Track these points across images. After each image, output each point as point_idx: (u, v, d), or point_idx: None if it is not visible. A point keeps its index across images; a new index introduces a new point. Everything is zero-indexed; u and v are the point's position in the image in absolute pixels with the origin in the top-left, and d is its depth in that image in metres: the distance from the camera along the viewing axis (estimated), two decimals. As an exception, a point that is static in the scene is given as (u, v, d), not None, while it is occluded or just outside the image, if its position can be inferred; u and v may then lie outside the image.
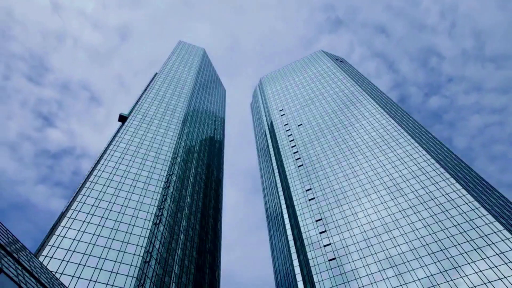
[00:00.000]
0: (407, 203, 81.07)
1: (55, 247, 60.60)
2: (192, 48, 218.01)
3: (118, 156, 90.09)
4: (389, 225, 78.19)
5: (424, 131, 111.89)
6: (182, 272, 77.86)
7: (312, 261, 78.26)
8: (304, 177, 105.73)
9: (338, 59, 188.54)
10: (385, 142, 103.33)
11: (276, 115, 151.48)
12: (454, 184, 79.89)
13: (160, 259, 70.69)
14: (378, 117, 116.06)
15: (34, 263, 34.00)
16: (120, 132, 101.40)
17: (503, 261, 60.77)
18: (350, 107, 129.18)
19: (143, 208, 77.29)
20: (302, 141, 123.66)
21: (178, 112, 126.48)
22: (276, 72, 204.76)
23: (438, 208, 76.18)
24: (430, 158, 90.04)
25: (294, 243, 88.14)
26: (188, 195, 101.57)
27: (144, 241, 69.14)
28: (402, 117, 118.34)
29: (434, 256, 67.28)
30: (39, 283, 29.48)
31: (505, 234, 64.67)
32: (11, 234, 34.19)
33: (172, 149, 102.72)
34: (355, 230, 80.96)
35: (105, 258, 62.45)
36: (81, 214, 69.51)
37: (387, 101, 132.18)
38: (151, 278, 64.73)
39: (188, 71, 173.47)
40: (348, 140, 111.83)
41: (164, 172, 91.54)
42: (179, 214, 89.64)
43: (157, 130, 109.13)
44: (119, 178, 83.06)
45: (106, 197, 76.03)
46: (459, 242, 67.41)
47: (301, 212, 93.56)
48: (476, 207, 72.09)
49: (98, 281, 58.07)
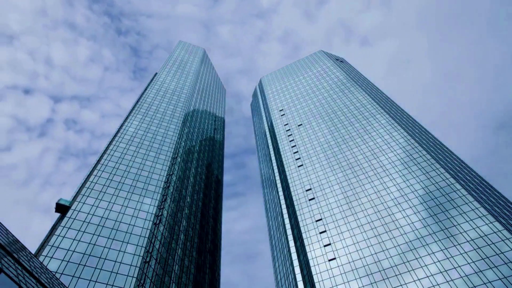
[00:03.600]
0: (407, 204, 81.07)
1: (55, 247, 60.59)
2: (192, 48, 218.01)
3: (118, 156, 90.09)
4: (389, 225, 78.19)
5: (424, 130, 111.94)
6: (182, 272, 77.86)
7: (312, 261, 78.27)
8: (304, 177, 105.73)
9: (338, 59, 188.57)
10: (385, 142, 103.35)
11: (276, 115, 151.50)
12: (454, 184, 79.89)
13: (160, 259, 70.68)
14: (378, 117, 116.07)
15: (34, 263, 34.00)
16: (120, 132, 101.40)
17: (503, 261, 60.78)
18: (350, 107, 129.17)
19: (143, 208, 77.29)
20: (302, 141, 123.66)
21: (178, 112, 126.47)
22: (276, 72, 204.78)
23: (438, 208, 76.17)
24: (430, 159, 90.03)
25: (294, 243, 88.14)
26: (188, 195, 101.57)
27: (144, 241, 69.14)
28: (402, 118, 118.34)
29: (434, 256, 67.28)
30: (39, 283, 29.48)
31: (505, 234, 64.68)
32: (11, 234, 34.19)
33: (172, 149, 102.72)
34: (355, 230, 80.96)
35: (105, 258, 62.45)
36: (81, 214, 69.49)
37: (387, 101, 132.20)
38: (151, 278, 64.74)
39: (188, 71, 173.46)
40: (348, 140, 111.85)
41: (164, 172, 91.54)
42: (179, 214, 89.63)
43: (157, 130, 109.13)
44: (119, 178, 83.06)
45: (106, 197, 76.03)
46: (459, 242, 67.41)
47: (301, 212, 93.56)
48: (476, 207, 72.09)
49: (98, 281, 58.07)
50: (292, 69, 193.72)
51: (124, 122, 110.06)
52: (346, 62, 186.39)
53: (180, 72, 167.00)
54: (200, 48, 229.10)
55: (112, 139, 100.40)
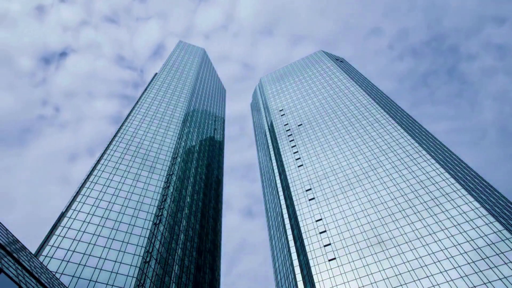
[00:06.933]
0: (407, 203, 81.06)
1: (55, 247, 60.61)
2: (192, 48, 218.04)
3: (118, 156, 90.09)
4: (389, 225, 78.18)
5: (424, 130, 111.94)
6: (182, 272, 77.86)
7: (312, 261, 78.26)
8: (304, 177, 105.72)
9: (338, 59, 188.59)
10: (385, 142, 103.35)
11: (276, 115, 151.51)
12: (454, 184, 79.90)
13: (160, 259, 70.68)
14: (378, 117, 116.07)
15: (34, 263, 33.99)
16: (120, 132, 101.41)
17: (503, 261, 60.79)
18: (350, 107, 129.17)
19: (143, 208, 77.30)
20: (302, 141, 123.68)
21: (178, 112, 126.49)
22: (276, 72, 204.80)
23: (438, 208, 76.18)
24: (430, 159, 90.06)
25: (294, 243, 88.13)
26: (188, 195, 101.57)
27: (144, 241, 69.15)
28: (402, 118, 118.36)
29: (434, 256, 67.28)
30: (39, 283, 29.47)
31: (505, 234, 64.69)
32: (11, 234, 34.19)
33: (172, 149, 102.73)
34: (355, 230, 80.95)
35: (105, 258, 62.46)
36: (81, 214, 69.52)
37: (387, 101, 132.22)
38: (151, 278, 64.74)
39: (188, 71, 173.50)
40: (348, 140, 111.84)
41: (164, 172, 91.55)
42: (179, 214, 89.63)
43: (157, 130, 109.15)
44: (119, 178, 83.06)
45: (106, 197, 76.04)
46: (459, 242, 67.41)
47: (301, 212, 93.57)
48: (476, 207, 72.10)
49: (98, 281, 58.08)
50: (292, 69, 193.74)
51: (124, 122, 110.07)
52: (346, 62, 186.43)
53: (180, 72, 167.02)
54: (200, 48, 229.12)
55: (112, 139, 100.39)
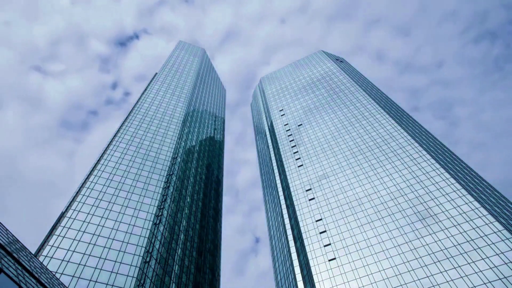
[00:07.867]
0: (406, 203, 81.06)
1: (55, 247, 60.60)
2: (192, 48, 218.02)
3: (118, 156, 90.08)
4: (389, 225, 78.18)
5: (424, 130, 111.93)
6: (182, 272, 77.86)
7: (312, 261, 78.26)
8: (304, 177, 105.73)
9: (338, 59, 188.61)
10: (385, 142, 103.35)
11: (276, 115, 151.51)
12: (454, 184, 79.90)
13: (160, 259, 70.69)
14: (378, 117, 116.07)
15: (34, 263, 33.99)
16: (120, 132, 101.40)
17: (503, 261, 60.79)
18: (350, 107, 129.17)
19: (143, 208, 77.30)
20: (302, 141, 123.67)
21: (178, 112, 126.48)
22: (276, 72, 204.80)
23: (438, 208, 76.18)
24: (430, 158, 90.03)
25: (294, 243, 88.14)
26: (188, 195, 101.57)
27: (144, 241, 69.15)
28: (402, 118, 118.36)
29: (434, 256, 67.28)
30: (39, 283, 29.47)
31: (505, 234, 64.69)
32: (11, 234, 34.19)
33: (172, 149, 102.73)
34: (355, 230, 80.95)
35: (105, 258, 62.46)
36: (81, 214, 69.51)
37: (387, 101, 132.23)
38: (151, 278, 64.74)
39: (188, 71, 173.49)
40: (348, 140, 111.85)
41: (164, 172, 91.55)
42: (179, 214, 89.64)
43: (157, 130, 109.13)
44: (119, 178, 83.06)
45: (106, 197, 76.04)
46: (459, 242, 67.41)
47: (301, 212, 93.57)
48: (476, 207, 72.10)
49: (98, 281, 58.08)
50: (292, 69, 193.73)
51: (124, 122, 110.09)
52: (346, 62, 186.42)
53: (180, 72, 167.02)
54: (200, 48, 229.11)
55: (112, 139, 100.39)
